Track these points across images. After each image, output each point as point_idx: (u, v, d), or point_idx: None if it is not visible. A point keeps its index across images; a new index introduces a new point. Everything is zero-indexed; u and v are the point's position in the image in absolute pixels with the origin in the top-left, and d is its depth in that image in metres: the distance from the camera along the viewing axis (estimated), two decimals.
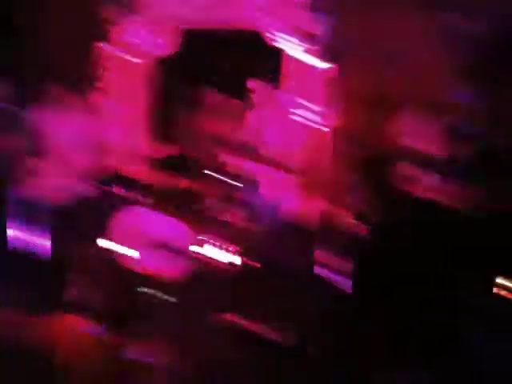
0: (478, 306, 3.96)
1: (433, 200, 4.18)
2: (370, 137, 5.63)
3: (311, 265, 5.09)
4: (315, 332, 4.46)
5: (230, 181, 5.59)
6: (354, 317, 4.17)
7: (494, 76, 4.92)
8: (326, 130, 5.82)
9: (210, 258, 5.62)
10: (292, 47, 5.72)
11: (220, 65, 6.15)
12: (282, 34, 5.70)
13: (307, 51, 5.66)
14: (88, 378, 4.41)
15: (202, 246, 5.60)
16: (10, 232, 4.90)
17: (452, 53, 5.18)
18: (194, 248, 5.37)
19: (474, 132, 4.76)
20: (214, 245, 5.66)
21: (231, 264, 5.57)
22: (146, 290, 4.95)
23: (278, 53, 5.84)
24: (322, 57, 5.64)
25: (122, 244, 5.34)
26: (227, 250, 5.64)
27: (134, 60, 5.86)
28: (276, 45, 5.81)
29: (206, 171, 5.77)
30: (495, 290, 4.08)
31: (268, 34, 5.73)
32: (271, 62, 6.00)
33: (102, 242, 5.24)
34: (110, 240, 5.33)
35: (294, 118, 5.22)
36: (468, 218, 4.09)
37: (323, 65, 5.66)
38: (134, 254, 5.39)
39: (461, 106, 5.12)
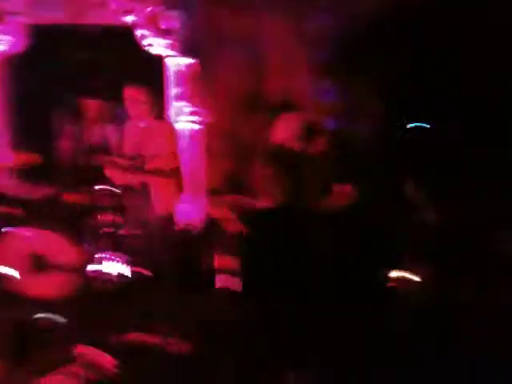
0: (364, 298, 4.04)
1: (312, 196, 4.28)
2: (239, 133, 5.69)
3: (200, 267, 5.08)
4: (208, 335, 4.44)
5: (108, 190, 5.47)
6: (245, 316, 4.18)
7: (348, 73, 5.12)
8: (197, 128, 5.83)
9: (99, 271, 5.46)
10: (153, 44, 5.66)
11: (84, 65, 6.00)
12: (142, 31, 5.63)
13: (168, 47, 5.61)
14: None
15: (89, 260, 5.44)
16: None
17: (309, 51, 5.34)
18: (80, 263, 5.20)
19: (332, 127, 4.96)
20: (101, 258, 5.53)
21: (121, 276, 5.46)
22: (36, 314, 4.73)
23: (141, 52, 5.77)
24: (183, 53, 5.61)
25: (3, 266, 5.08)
26: (115, 262, 5.51)
27: None
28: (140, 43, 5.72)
29: (80, 179, 5.61)
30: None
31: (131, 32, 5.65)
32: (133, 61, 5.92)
33: None
34: None
35: (165, 120, 5.19)
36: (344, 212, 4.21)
37: (185, 61, 5.63)
38: (16, 276, 5.11)
39: (319, 103, 5.31)
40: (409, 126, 4.78)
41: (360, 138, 4.79)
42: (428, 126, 4.76)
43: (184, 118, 5.80)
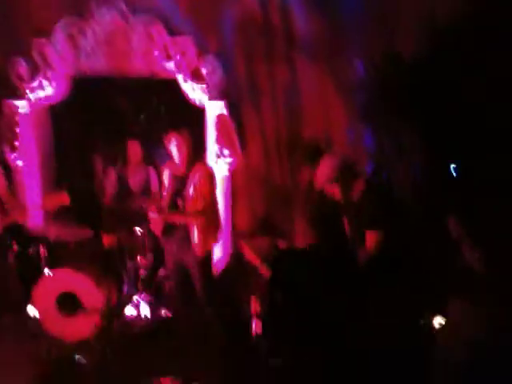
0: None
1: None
2: (276, 176, 5.63)
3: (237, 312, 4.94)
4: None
5: (139, 230, 5.45)
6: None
7: (386, 116, 5.01)
8: (233, 171, 5.83)
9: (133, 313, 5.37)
10: (193, 91, 5.75)
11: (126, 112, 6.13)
12: (183, 80, 5.73)
13: (207, 95, 5.69)
14: None
15: (124, 302, 5.38)
16: None
17: (346, 96, 5.28)
18: (114, 305, 5.14)
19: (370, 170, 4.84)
20: (137, 300, 5.46)
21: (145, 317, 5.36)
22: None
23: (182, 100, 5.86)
24: (222, 100, 5.69)
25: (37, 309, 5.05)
26: (151, 304, 5.43)
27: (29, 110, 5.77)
28: (182, 92, 5.83)
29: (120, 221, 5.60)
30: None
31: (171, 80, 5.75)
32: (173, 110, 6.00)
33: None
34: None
35: (204, 163, 5.19)
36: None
37: (223, 108, 5.70)
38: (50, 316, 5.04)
39: (357, 146, 5.22)
40: (451, 165, 4.58)
41: (399, 180, 4.65)
42: (471, 164, 4.54)
43: (221, 162, 5.81)
